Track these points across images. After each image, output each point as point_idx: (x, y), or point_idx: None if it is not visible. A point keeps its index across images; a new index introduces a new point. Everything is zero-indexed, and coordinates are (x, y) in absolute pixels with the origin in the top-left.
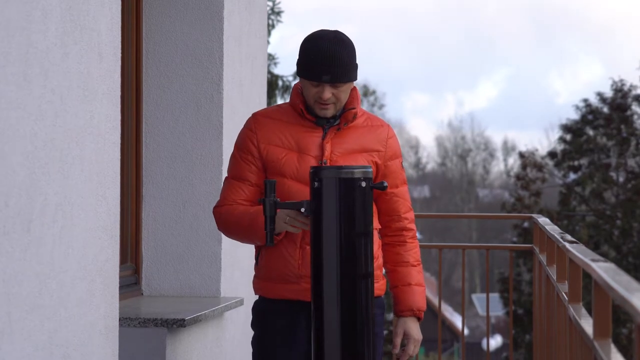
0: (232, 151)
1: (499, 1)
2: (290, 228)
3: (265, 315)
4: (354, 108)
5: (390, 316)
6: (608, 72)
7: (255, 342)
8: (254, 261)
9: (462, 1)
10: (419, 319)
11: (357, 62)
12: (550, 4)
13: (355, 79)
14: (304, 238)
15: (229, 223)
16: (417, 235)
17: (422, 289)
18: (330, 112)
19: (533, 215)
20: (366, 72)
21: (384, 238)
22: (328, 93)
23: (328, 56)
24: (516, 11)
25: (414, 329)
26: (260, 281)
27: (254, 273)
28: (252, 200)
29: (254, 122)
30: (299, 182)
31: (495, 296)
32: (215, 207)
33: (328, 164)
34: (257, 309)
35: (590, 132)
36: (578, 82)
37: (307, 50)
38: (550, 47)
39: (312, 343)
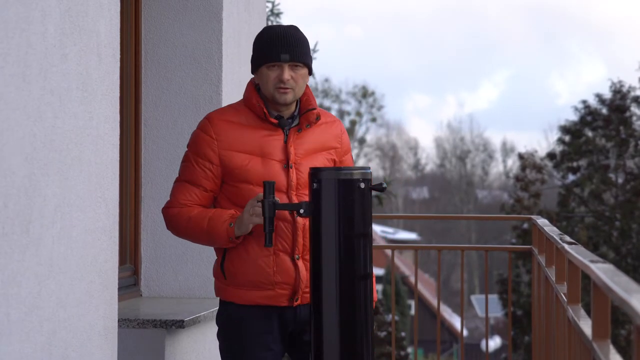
0: (185, 152)
1: (501, 3)
2: (256, 219)
3: (239, 322)
4: (314, 108)
5: (389, 317)
6: (610, 74)
7: (229, 349)
8: (218, 265)
9: (464, 3)
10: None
11: (312, 56)
12: (552, 6)
13: (311, 66)
14: (276, 244)
15: (181, 224)
16: (416, 236)
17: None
18: (289, 97)
19: (532, 216)
20: (365, 73)
21: None
22: (287, 74)
23: (285, 36)
24: (518, 13)
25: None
26: (229, 288)
27: (214, 275)
28: (203, 204)
29: (212, 127)
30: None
31: (494, 297)
32: (165, 208)
33: (293, 167)
34: (227, 315)
35: (589, 134)
36: (580, 84)
37: (263, 37)
38: (552, 49)
39: (311, 344)
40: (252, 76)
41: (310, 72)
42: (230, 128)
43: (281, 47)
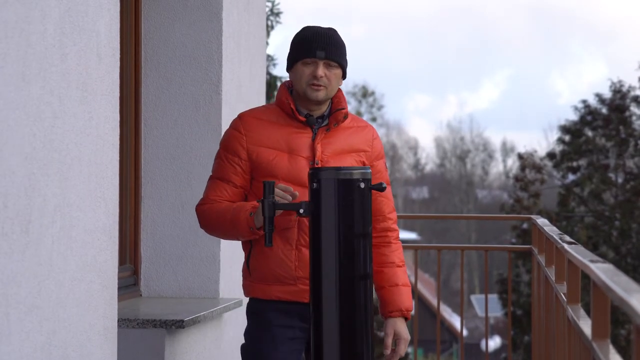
0: (217, 150)
1: (503, 2)
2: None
3: (262, 315)
4: (343, 108)
5: None
6: (612, 74)
7: (248, 344)
8: (245, 264)
9: (465, 2)
10: (406, 318)
11: (347, 60)
12: (554, 6)
13: (346, 69)
14: (299, 239)
15: (211, 219)
16: (416, 236)
17: (409, 289)
18: (322, 94)
19: (532, 216)
20: (366, 73)
21: (374, 239)
22: (322, 71)
23: (323, 34)
24: (520, 12)
25: (403, 328)
26: (253, 283)
27: (242, 275)
28: (233, 201)
29: (242, 124)
30: (291, 183)
31: (494, 297)
32: (197, 206)
33: (320, 165)
34: (252, 311)
35: (589, 133)
36: (581, 83)
37: (301, 34)
38: (554, 48)
39: (311, 344)
40: (249, 76)
41: (344, 76)
42: (259, 124)
43: (318, 44)
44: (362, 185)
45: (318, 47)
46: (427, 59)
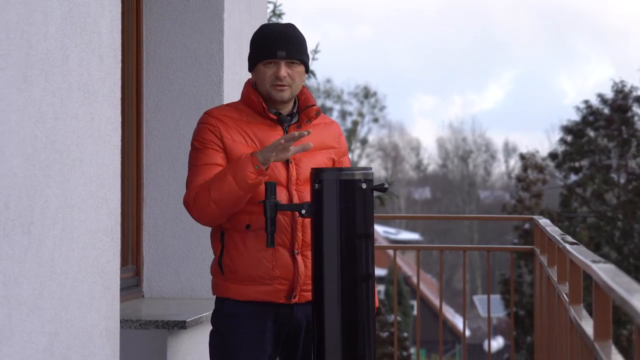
0: (191, 145)
1: (510, 2)
2: (281, 154)
3: (234, 318)
4: (314, 105)
5: (391, 318)
6: (619, 74)
7: (222, 346)
8: (216, 262)
9: (472, 2)
10: None
11: (308, 54)
12: (561, 6)
13: (308, 64)
14: (276, 239)
15: (206, 195)
16: (418, 236)
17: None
18: (286, 94)
19: (534, 216)
20: (372, 73)
21: None
22: (284, 71)
23: (282, 33)
24: (526, 12)
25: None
26: (227, 283)
27: (212, 273)
28: None
29: (213, 119)
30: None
31: (496, 297)
32: (185, 196)
33: (293, 163)
34: (222, 312)
35: (591, 134)
36: (588, 84)
37: (260, 35)
38: (560, 49)
39: (313, 344)
40: (250, 77)
41: (307, 70)
42: (230, 122)
43: (278, 44)
44: (364, 185)
45: (279, 47)
46: (432, 60)
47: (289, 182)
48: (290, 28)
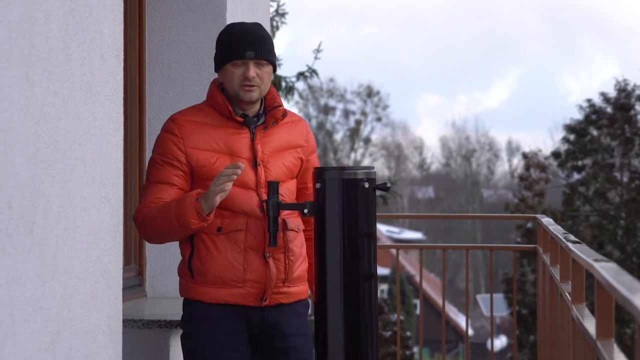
0: (151, 156)
1: (514, 1)
2: (219, 188)
3: (206, 321)
4: (280, 105)
5: (394, 317)
6: (624, 73)
7: (194, 351)
8: (185, 264)
9: (476, 1)
10: None
11: (276, 53)
12: (567, 4)
13: (276, 64)
14: (247, 241)
15: (152, 218)
16: (421, 236)
17: None
18: (255, 94)
19: (537, 215)
20: (377, 72)
21: (306, 232)
22: (253, 72)
23: (250, 33)
24: (531, 11)
25: None
26: (197, 286)
27: (179, 275)
28: None
29: (177, 127)
30: (234, 186)
31: (499, 296)
32: (135, 212)
33: (261, 165)
34: (193, 315)
35: (594, 132)
36: (594, 83)
37: (227, 35)
38: (566, 48)
39: (315, 344)
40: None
41: (274, 70)
42: (195, 127)
43: (246, 44)
44: (367, 184)
45: (247, 47)
46: (437, 59)
47: (257, 184)
48: (258, 27)
